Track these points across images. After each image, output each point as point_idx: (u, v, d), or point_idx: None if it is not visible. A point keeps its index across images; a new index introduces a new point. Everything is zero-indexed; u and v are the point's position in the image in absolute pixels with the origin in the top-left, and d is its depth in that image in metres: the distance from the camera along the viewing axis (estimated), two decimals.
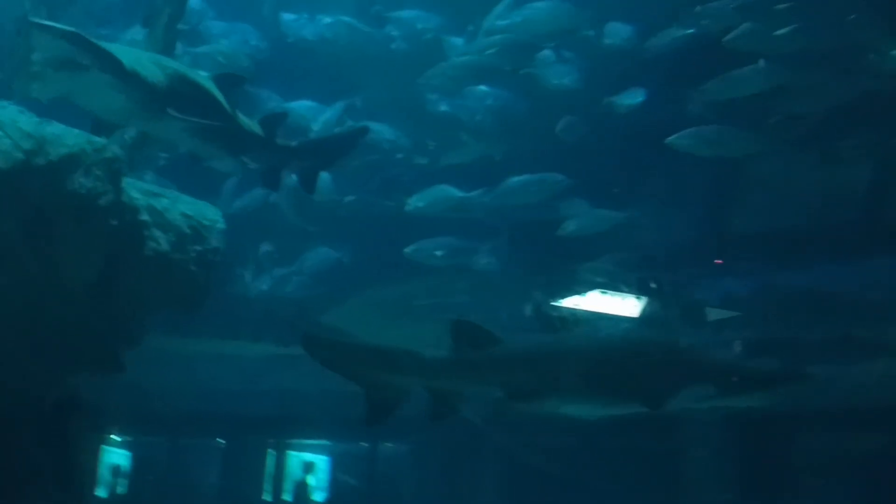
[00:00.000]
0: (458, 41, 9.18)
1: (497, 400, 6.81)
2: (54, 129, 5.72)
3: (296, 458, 15.41)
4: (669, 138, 8.01)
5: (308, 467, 15.52)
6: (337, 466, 15.24)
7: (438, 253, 9.32)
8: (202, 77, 6.91)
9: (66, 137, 5.72)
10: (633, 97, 8.61)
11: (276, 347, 10.10)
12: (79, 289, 5.91)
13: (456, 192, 9.29)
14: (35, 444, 6.14)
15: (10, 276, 5.58)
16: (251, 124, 7.20)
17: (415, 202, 9.29)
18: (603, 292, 9.70)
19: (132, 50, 6.46)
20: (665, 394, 6.27)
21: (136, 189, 6.46)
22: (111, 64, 5.77)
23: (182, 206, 6.72)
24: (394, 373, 6.49)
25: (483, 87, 9.32)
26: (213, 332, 9.69)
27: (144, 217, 6.36)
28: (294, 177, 8.13)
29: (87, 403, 6.51)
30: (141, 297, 6.50)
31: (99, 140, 5.92)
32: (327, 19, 9.47)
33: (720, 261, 9.87)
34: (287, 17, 9.53)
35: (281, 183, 7.85)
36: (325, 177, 9.02)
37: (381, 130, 9.42)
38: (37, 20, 5.80)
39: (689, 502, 10.05)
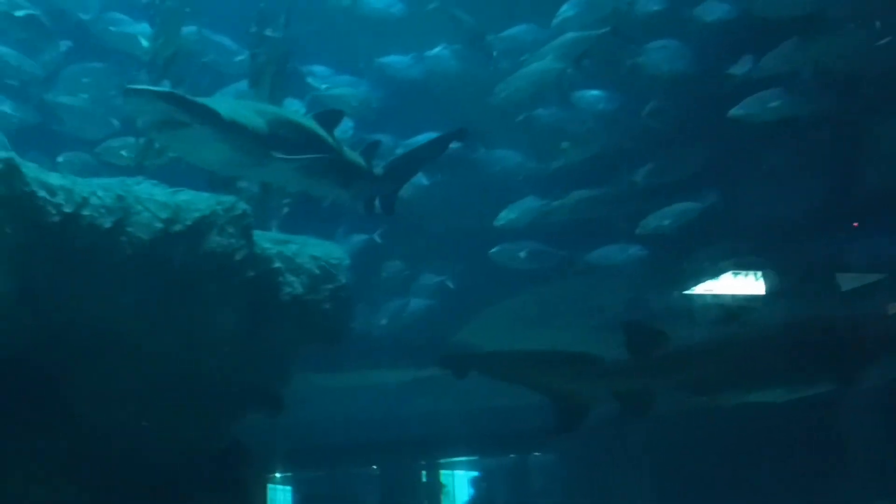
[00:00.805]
0: None
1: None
2: (186, 195, 6.10)
3: (448, 477, 15.63)
4: (732, 111, 7.71)
5: (459, 484, 15.70)
6: (487, 481, 15.35)
7: (522, 254, 9.54)
8: (303, 117, 7.15)
9: (198, 202, 6.08)
10: (745, 65, 8.34)
11: (414, 371, 10.34)
12: (227, 339, 6.24)
13: (538, 202, 9.48)
14: (206, 492, 6.48)
15: (165, 338, 5.98)
16: (357, 157, 7.41)
17: (505, 216, 9.48)
18: (736, 274, 9.40)
19: (229, 100, 6.73)
20: (857, 369, 5.98)
21: (267, 239, 6.79)
22: (209, 117, 6.01)
23: (309, 250, 7.00)
24: (578, 380, 6.42)
25: (594, 92, 9.28)
26: (353, 363, 10.02)
27: (277, 264, 6.65)
28: None
29: (251, 447, 6.85)
30: (284, 339, 6.81)
31: (227, 199, 6.25)
32: (434, 50, 9.58)
33: (856, 223, 9.37)
34: (392, 59, 9.73)
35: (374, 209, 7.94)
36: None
37: (506, 156, 9.74)
38: (132, 86, 6.04)
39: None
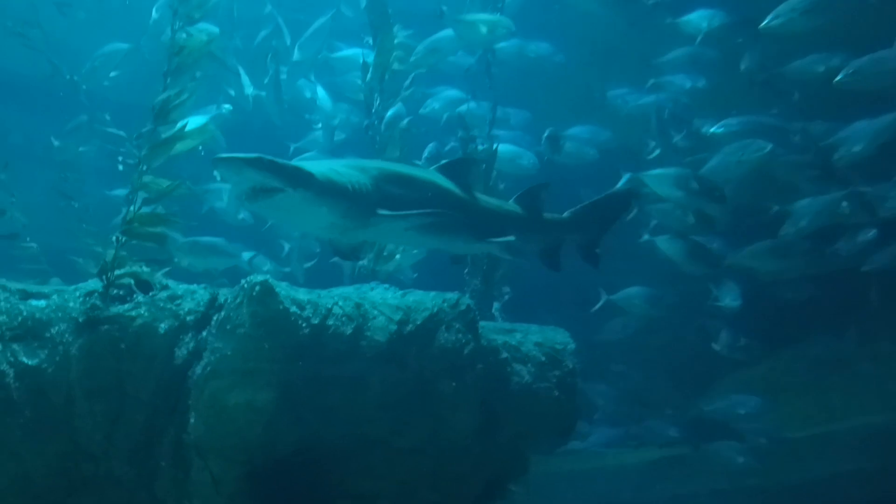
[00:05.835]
0: None
1: None
2: (414, 296, 6.33)
3: None
4: None
5: None
6: None
7: None
8: (421, 170, 6.94)
9: (425, 301, 6.28)
10: None
11: (659, 451, 9.89)
12: (466, 436, 6.30)
13: None
14: None
15: (409, 435, 6.11)
16: (503, 205, 7.18)
17: None
18: None
19: (327, 161, 6.46)
20: None
21: (491, 330, 6.88)
22: (303, 179, 5.66)
23: (533, 337, 7.00)
24: None
25: None
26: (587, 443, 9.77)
27: (504, 355, 6.70)
28: None
29: None
30: (517, 430, 6.77)
31: (451, 296, 6.39)
32: None
33: None
34: None
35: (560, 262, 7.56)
36: None
37: None
38: (220, 155, 5.63)
39: None
